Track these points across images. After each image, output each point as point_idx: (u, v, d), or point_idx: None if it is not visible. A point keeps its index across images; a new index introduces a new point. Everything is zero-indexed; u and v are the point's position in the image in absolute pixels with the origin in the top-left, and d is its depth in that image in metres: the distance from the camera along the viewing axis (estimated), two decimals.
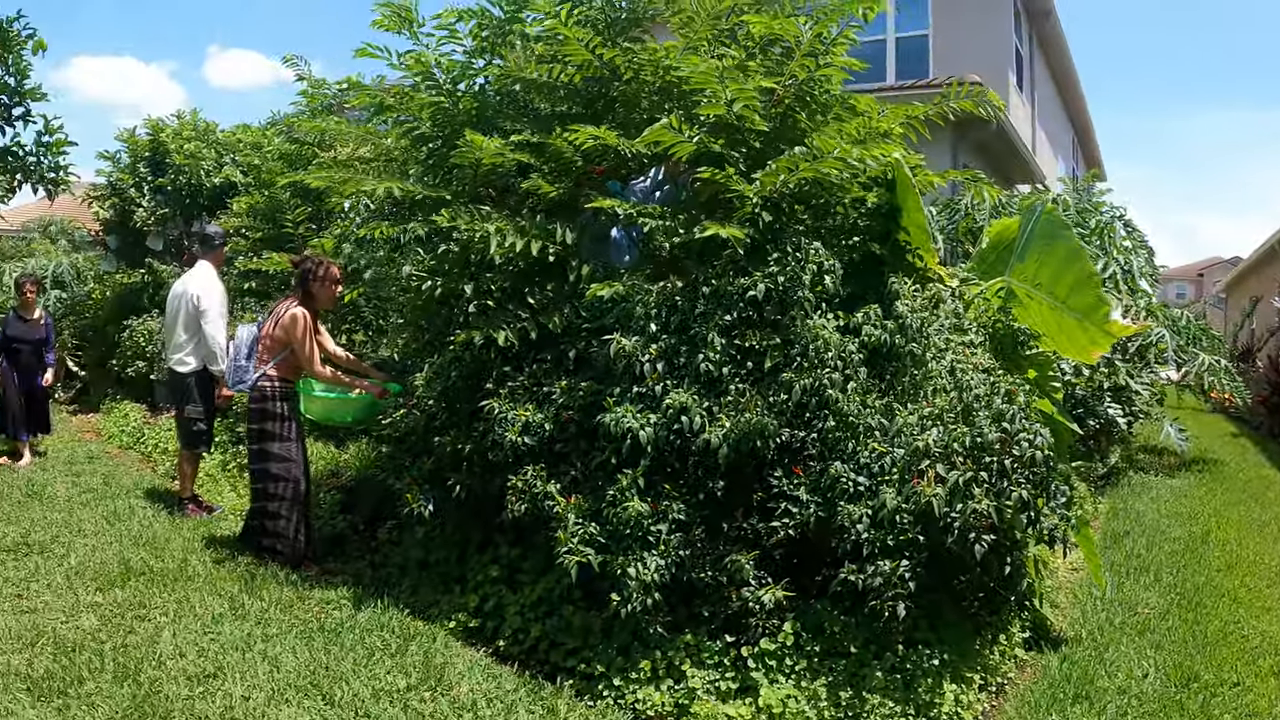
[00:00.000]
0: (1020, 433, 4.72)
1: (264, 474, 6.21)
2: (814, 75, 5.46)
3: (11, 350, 9.61)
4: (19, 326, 9.70)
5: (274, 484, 6.16)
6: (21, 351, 9.67)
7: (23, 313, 9.82)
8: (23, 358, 9.67)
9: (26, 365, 9.69)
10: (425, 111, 6.02)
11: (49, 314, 10.30)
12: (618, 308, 5.00)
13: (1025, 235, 6.15)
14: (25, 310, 9.84)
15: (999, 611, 5.26)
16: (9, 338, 9.62)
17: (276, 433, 6.17)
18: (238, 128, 13.49)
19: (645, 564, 4.52)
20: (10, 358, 9.60)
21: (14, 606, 5.34)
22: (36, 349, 9.80)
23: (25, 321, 9.74)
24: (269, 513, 6.19)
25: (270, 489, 6.18)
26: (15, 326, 9.68)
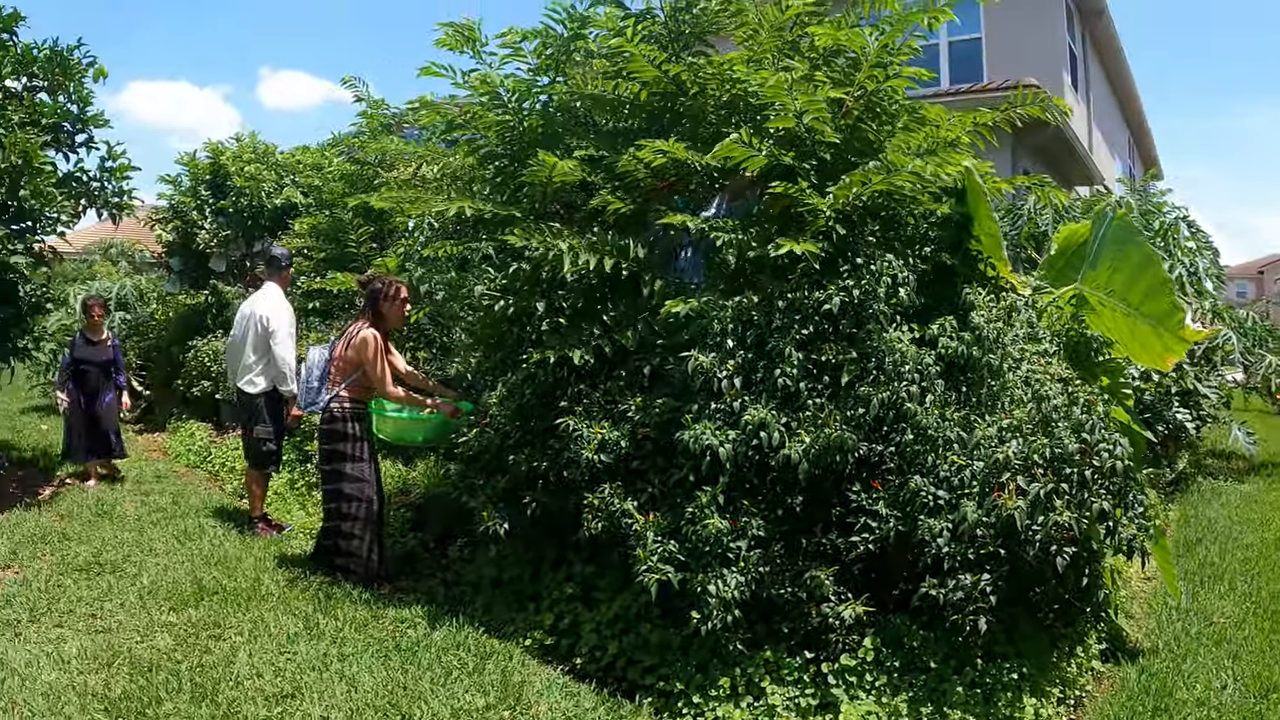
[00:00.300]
0: (1100, 443, 4.66)
1: (337, 494, 6.25)
2: (882, 86, 5.43)
3: (79, 372, 9.35)
4: (86, 349, 9.41)
5: (347, 504, 6.20)
6: (89, 374, 9.38)
7: (90, 335, 9.51)
8: (90, 380, 9.38)
9: (94, 388, 9.40)
10: (493, 130, 6.06)
11: (115, 335, 9.99)
12: (693, 324, 4.98)
13: (1097, 242, 6.08)
14: (93, 332, 9.53)
15: (1075, 623, 5.18)
16: (76, 360, 9.35)
17: (349, 453, 6.21)
18: (297, 149, 13.66)
19: (725, 581, 4.50)
20: (77, 380, 9.33)
21: (89, 626, 5.41)
22: (104, 371, 9.51)
23: (93, 344, 9.46)
24: (343, 533, 6.24)
25: (344, 509, 6.22)
26: (83, 349, 9.39)
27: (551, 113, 6.30)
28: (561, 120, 6.25)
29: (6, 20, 8.49)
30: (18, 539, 7.03)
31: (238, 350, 7.67)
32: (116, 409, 9.61)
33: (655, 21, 5.78)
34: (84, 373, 9.36)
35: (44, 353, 8.72)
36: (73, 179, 9.06)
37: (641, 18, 5.79)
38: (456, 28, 6.10)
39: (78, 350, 9.37)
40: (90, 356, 9.43)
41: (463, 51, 6.15)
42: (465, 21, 6.09)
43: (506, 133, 6.10)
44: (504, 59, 6.18)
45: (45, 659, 4.89)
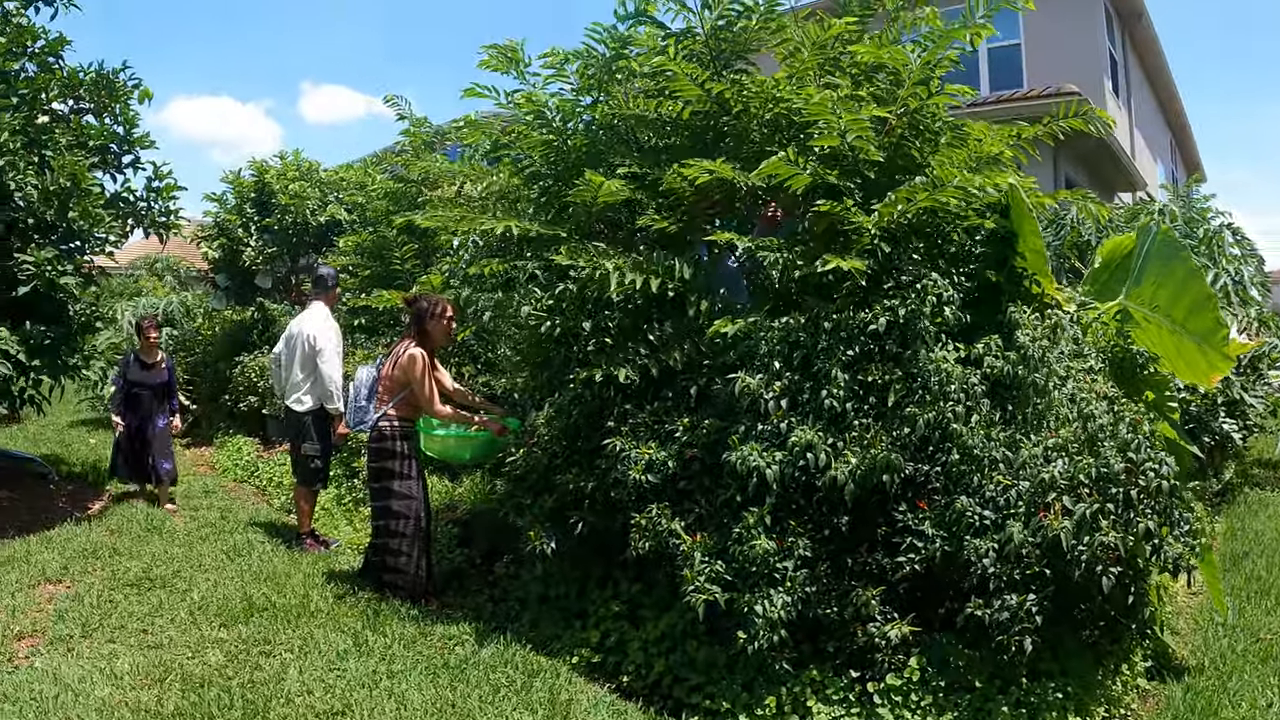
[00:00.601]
0: (1146, 462, 4.64)
1: (385, 511, 6.32)
2: (926, 103, 5.43)
3: (131, 396, 9.03)
4: (140, 372, 9.04)
5: (395, 521, 6.27)
6: (142, 397, 9.03)
7: (144, 357, 9.11)
8: (143, 404, 9.03)
9: (146, 411, 9.04)
10: (537, 150, 6.11)
11: (170, 357, 9.57)
12: (739, 345, 5.01)
13: (1141, 256, 6.04)
14: (147, 354, 9.12)
15: (1120, 640, 5.14)
16: (129, 383, 9.00)
17: (397, 471, 6.28)
18: (341, 167, 13.80)
19: (772, 601, 4.51)
20: (129, 403, 9.01)
21: (140, 642, 5.49)
22: (158, 395, 9.14)
23: (146, 367, 9.08)
24: (391, 549, 6.30)
25: (391, 526, 6.28)
26: (136, 372, 9.03)
27: (596, 131, 6.34)
28: (605, 138, 6.28)
29: (53, 44, 8.65)
30: (69, 554, 7.14)
31: (285, 368, 7.77)
32: (169, 435, 9.25)
33: (696, 40, 5.79)
34: (136, 396, 9.04)
35: (94, 371, 8.78)
36: (120, 199, 9.22)
37: (682, 37, 5.81)
38: (500, 49, 6.16)
39: (130, 373, 9.03)
40: (143, 380, 9.09)
41: (506, 72, 6.20)
42: (508, 43, 6.15)
43: (551, 152, 6.16)
44: (547, 79, 6.24)
45: (98, 674, 4.98)
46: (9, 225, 8.11)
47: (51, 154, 8.12)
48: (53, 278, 7.90)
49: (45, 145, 8.22)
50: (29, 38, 8.46)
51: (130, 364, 9.08)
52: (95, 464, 10.75)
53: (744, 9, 5.68)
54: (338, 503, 8.71)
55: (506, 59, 6.14)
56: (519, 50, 6.18)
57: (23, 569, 6.79)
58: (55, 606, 6.04)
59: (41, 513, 8.54)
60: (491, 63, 6.19)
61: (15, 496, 8.92)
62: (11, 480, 9.29)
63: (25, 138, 7.90)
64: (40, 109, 8.53)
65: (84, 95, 8.97)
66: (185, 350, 13.48)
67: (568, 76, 6.21)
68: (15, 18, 8.60)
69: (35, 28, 8.58)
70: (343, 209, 12.67)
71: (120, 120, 9.15)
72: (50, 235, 8.42)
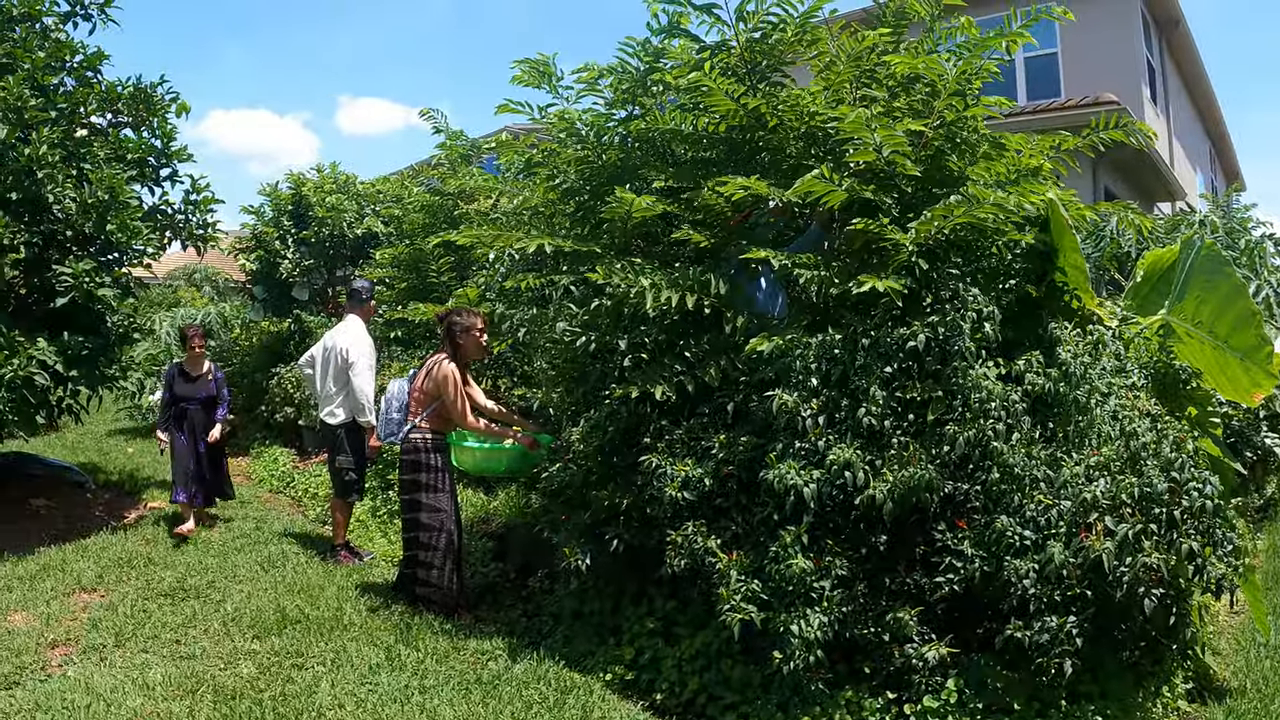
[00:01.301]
0: (1190, 482, 4.57)
1: (416, 524, 6.34)
2: (962, 115, 5.37)
3: (180, 412, 8.58)
4: (186, 385, 8.63)
5: (426, 534, 6.28)
6: (189, 411, 8.57)
7: (189, 368, 8.68)
8: (193, 417, 8.56)
9: (198, 426, 8.58)
10: (572, 166, 6.10)
11: (217, 367, 9.06)
12: (776, 362, 4.96)
13: (1184, 271, 5.95)
14: (193, 366, 8.70)
15: (1162, 661, 5.06)
16: (176, 396, 8.59)
17: (428, 484, 6.30)
18: (378, 180, 13.87)
19: (808, 621, 4.46)
20: (178, 419, 8.56)
21: (173, 653, 5.54)
22: (206, 408, 8.67)
23: (192, 379, 8.66)
24: (422, 562, 6.31)
25: (423, 539, 6.30)
26: (182, 385, 8.61)
27: (631, 145, 6.33)
28: (640, 152, 6.26)
29: (91, 59, 8.78)
30: (104, 563, 7.22)
31: (319, 381, 7.83)
32: (223, 445, 8.92)
33: (731, 53, 5.76)
34: (184, 411, 8.60)
35: (131, 382, 8.86)
36: (158, 212, 9.34)
37: (717, 50, 5.78)
38: (533, 64, 6.16)
39: (176, 386, 8.62)
40: (190, 393, 8.66)
41: (539, 87, 6.21)
42: (541, 58, 6.14)
43: (585, 168, 6.15)
44: (580, 94, 6.23)
45: (130, 685, 5.02)
46: (48, 237, 8.23)
47: (90, 167, 8.23)
48: (90, 289, 8.01)
49: (84, 158, 8.34)
50: (68, 53, 8.60)
51: (175, 377, 8.67)
52: (132, 473, 10.87)
53: (779, 21, 5.64)
54: (373, 515, 8.73)
55: (539, 74, 6.15)
56: (551, 65, 6.19)
57: (58, 577, 6.87)
58: (89, 615, 6.11)
59: (78, 521, 8.66)
60: (524, 78, 6.20)
61: (52, 505, 9.02)
62: (49, 489, 9.39)
63: (64, 151, 8.01)
64: (79, 122, 8.65)
65: (122, 109, 9.10)
66: (223, 361, 13.59)
67: (601, 91, 6.20)
68: (54, 33, 8.76)
69: (74, 43, 8.73)
70: (379, 221, 12.74)
71: (158, 134, 9.28)
72: (89, 247, 8.55)
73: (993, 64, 5.58)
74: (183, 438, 8.52)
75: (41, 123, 7.86)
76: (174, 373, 8.66)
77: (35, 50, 8.22)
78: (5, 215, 7.63)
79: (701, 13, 5.59)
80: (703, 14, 5.59)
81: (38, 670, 5.27)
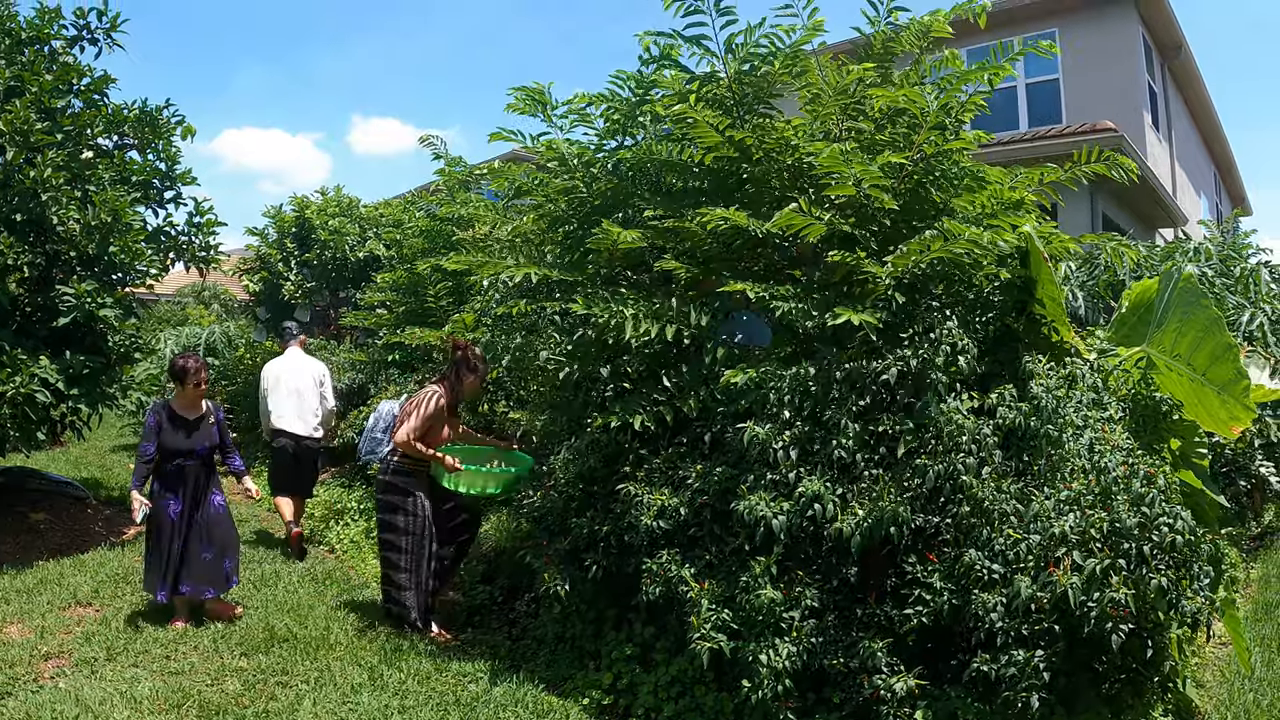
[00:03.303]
0: (1160, 517, 4.58)
1: (390, 544, 6.51)
2: (942, 149, 5.44)
3: (169, 471, 6.48)
4: (179, 434, 6.50)
5: (397, 555, 6.45)
6: (185, 470, 6.51)
7: (184, 410, 6.59)
8: (186, 479, 6.52)
9: (192, 489, 6.54)
10: (560, 196, 6.18)
11: (218, 407, 6.97)
12: (751, 393, 5.03)
13: (1163, 303, 6.01)
14: (189, 407, 6.62)
15: (1141, 694, 5.07)
16: (167, 450, 6.46)
17: (401, 505, 6.45)
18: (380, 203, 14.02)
19: (777, 651, 4.53)
20: (170, 481, 6.49)
21: (162, 668, 5.61)
22: (208, 463, 6.69)
23: (189, 426, 6.56)
24: (393, 581, 6.47)
25: (391, 559, 6.48)
26: (174, 434, 6.49)
27: (624, 172, 6.40)
28: (632, 179, 6.34)
29: (98, 82, 8.91)
30: (100, 578, 7.31)
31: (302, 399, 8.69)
32: (230, 517, 6.86)
33: (720, 84, 5.84)
34: (180, 471, 6.51)
35: (130, 401, 8.96)
36: (161, 233, 9.45)
37: (706, 81, 5.86)
38: (528, 92, 6.24)
39: (166, 435, 6.47)
40: (185, 445, 6.52)
41: (533, 115, 6.30)
42: (536, 86, 6.24)
43: (573, 198, 6.23)
44: (572, 123, 6.32)
45: (119, 698, 5.09)
46: (52, 258, 8.35)
47: (94, 189, 8.34)
48: (92, 310, 8.11)
49: (89, 180, 8.46)
50: (75, 76, 8.72)
51: (163, 422, 6.52)
52: None
53: (767, 53, 5.72)
54: (366, 536, 8.81)
55: (534, 102, 6.23)
56: (545, 93, 6.27)
57: (54, 591, 6.95)
58: (83, 629, 6.19)
59: (77, 536, 8.74)
60: (519, 105, 6.28)
61: (53, 519, 9.09)
62: (49, 503, 9.45)
63: (69, 173, 8.13)
64: (85, 144, 8.77)
65: (128, 132, 9.23)
66: (227, 379, 13.70)
67: (592, 120, 6.29)
68: (62, 56, 8.87)
69: (81, 66, 8.84)
70: (381, 245, 12.87)
71: (163, 157, 9.39)
72: (92, 268, 8.66)
73: (978, 97, 5.62)
74: (174, 506, 6.46)
75: (47, 145, 8.00)
76: (161, 417, 6.53)
77: (43, 73, 8.35)
78: (10, 236, 7.75)
79: (691, 44, 5.66)
80: (693, 45, 5.66)
81: (30, 681, 5.35)
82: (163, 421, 6.50)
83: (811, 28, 5.60)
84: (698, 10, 5.44)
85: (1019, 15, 16.33)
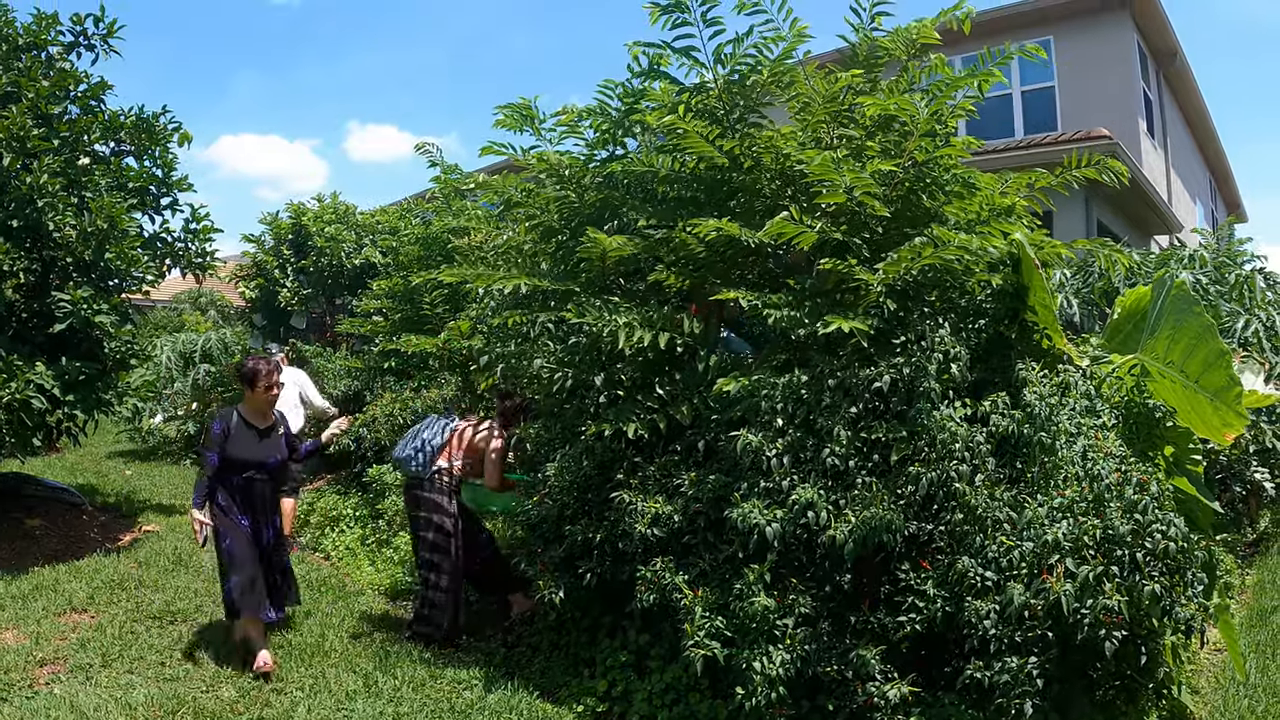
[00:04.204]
0: (1153, 524, 4.59)
1: (429, 564, 6.48)
2: (932, 156, 5.45)
3: (243, 484, 5.91)
4: (249, 444, 5.91)
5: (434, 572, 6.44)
6: (256, 484, 5.95)
7: (254, 419, 6.00)
8: (259, 493, 5.97)
9: (262, 505, 6.01)
10: (552, 206, 6.20)
11: (281, 416, 6.32)
12: (744, 401, 5.05)
13: (1156, 310, 6.02)
14: (260, 415, 6.03)
15: (1136, 700, 5.08)
16: (234, 462, 5.85)
17: (440, 524, 6.46)
18: (376, 210, 14.01)
19: (770, 658, 4.55)
20: (241, 496, 5.90)
21: (157, 674, 5.62)
22: (276, 477, 6.15)
23: (260, 435, 5.98)
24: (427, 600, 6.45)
25: (430, 577, 6.45)
26: (244, 444, 5.90)
27: (616, 182, 6.44)
28: (623, 189, 6.37)
29: (95, 89, 8.93)
30: (96, 584, 7.30)
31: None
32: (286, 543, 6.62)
33: (709, 94, 5.85)
34: (249, 485, 5.93)
35: (126, 407, 8.94)
36: (158, 240, 9.46)
37: (695, 92, 5.88)
38: (515, 108, 6.29)
39: (234, 446, 5.87)
40: (257, 457, 5.95)
41: (522, 130, 6.33)
42: (523, 101, 6.26)
43: (565, 209, 6.25)
44: (561, 135, 6.35)
45: (114, 704, 5.11)
46: (48, 264, 8.35)
47: (91, 195, 8.35)
48: (88, 316, 8.11)
49: (85, 187, 8.47)
50: (72, 82, 8.74)
51: (231, 430, 5.90)
52: (129, 495, 10.95)
53: (755, 63, 5.74)
54: (361, 543, 8.82)
55: (522, 117, 6.27)
56: (533, 108, 6.31)
57: (50, 597, 6.95)
58: (78, 635, 6.20)
59: (73, 542, 8.73)
60: (507, 121, 6.32)
61: (48, 525, 9.08)
62: (45, 509, 9.45)
63: (65, 179, 8.13)
64: (82, 150, 8.78)
65: (124, 138, 9.25)
66: (223, 386, 13.69)
67: (581, 132, 6.32)
68: (59, 62, 8.88)
69: (78, 72, 8.85)
70: (378, 252, 12.88)
71: (159, 163, 9.41)
72: (88, 274, 8.65)
73: (968, 102, 5.63)
74: (245, 524, 5.88)
75: (44, 151, 8.01)
76: (229, 424, 5.92)
77: (40, 79, 8.37)
78: (6, 242, 7.75)
79: (681, 55, 5.68)
80: (682, 56, 5.68)
81: (25, 687, 5.36)
82: (230, 429, 5.88)
83: (796, 36, 5.61)
84: (685, 22, 5.46)
85: (1014, 22, 16.33)
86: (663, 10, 5.49)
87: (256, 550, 5.87)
